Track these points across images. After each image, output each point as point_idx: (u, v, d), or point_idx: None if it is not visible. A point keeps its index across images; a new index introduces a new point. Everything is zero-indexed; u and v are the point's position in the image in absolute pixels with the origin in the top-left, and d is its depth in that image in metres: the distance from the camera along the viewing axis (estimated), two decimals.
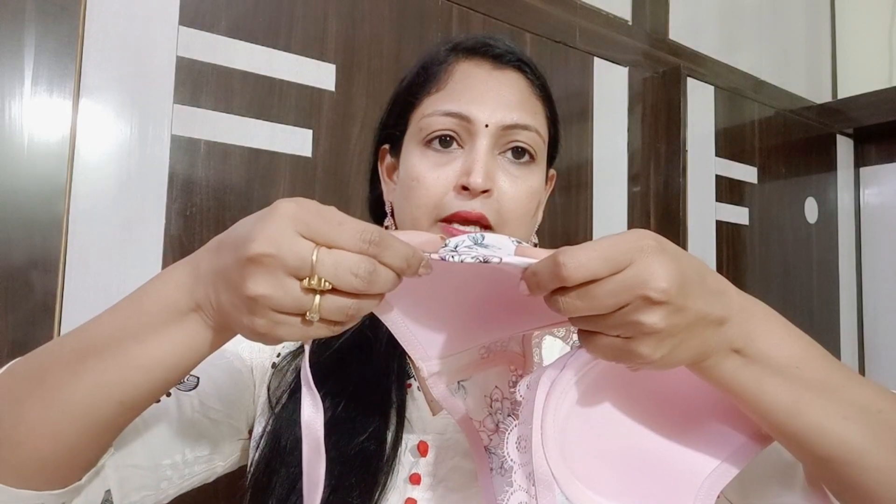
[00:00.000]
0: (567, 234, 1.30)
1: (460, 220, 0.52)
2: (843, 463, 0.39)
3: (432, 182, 0.53)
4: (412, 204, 0.54)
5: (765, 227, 1.68)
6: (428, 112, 0.54)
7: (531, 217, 0.57)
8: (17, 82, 0.76)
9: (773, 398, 0.39)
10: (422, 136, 0.54)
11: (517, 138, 0.54)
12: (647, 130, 1.47)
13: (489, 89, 0.54)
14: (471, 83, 0.55)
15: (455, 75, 0.55)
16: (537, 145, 0.56)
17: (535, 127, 0.55)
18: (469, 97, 0.53)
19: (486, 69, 0.56)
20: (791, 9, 1.94)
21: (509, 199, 0.53)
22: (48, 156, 0.78)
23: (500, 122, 0.53)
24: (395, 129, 0.59)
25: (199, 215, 0.88)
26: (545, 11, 1.30)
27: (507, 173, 0.54)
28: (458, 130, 0.53)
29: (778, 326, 0.43)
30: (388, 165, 0.61)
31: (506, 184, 0.53)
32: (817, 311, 1.83)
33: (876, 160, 1.99)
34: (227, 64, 0.91)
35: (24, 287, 0.75)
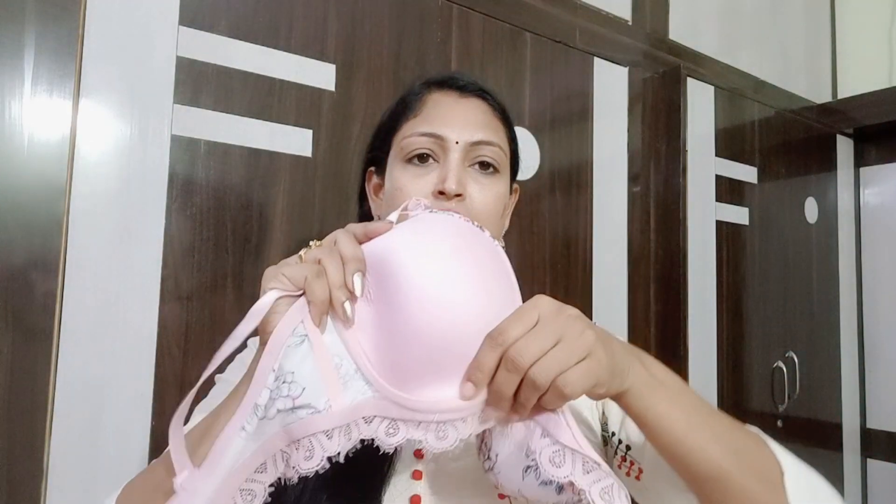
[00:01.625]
0: (567, 234, 1.30)
1: None
2: (720, 483, 0.51)
3: (413, 190, 0.62)
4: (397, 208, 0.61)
5: (765, 227, 1.69)
6: (407, 134, 0.64)
7: (498, 218, 0.66)
8: (17, 82, 0.76)
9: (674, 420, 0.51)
10: (403, 154, 0.64)
11: (483, 153, 0.64)
12: (647, 130, 1.47)
13: (457, 113, 0.65)
14: (441, 109, 0.65)
15: (428, 103, 0.66)
16: (500, 158, 0.65)
17: (497, 143, 0.65)
18: (441, 120, 0.64)
19: (453, 97, 0.66)
20: (791, 9, 1.94)
21: (479, 202, 0.63)
22: (48, 156, 0.78)
23: (469, 139, 0.63)
24: (379, 152, 0.69)
25: (199, 215, 0.88)
26: (545, 11, 1.30)
27: (477, 182, 0.63)
28: (433, 148, 0.63)
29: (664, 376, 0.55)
30: (374, 185, 0.71)
31: (475, 191, 0.63)
32: (817, 311, 1.83)
33: (876, 160, 1.99)
34: (227, 64, 0.91)
35: (24, 287, 0.75)
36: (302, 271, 0.47)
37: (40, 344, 0.76)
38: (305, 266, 0.48)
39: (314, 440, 0.46)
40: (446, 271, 0.47)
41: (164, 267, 0.85)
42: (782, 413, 1.67)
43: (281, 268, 0.48)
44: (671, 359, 1.42)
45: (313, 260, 0.48)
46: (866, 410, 1.94)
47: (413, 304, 0.46)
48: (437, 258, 0.47)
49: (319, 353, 0.48)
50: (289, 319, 0.48)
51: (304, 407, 0.46)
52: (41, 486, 0.75)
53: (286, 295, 0.48)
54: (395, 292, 0.47)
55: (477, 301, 0.47)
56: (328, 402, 0.46)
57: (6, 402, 0.74)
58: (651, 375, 0.52)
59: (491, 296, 0.48)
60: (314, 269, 0.47)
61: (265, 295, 0.48)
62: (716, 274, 1.53)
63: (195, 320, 0.86)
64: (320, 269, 0.47)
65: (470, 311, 0.46)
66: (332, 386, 0.47)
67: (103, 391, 0.79)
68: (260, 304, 0.48)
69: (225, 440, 0.47)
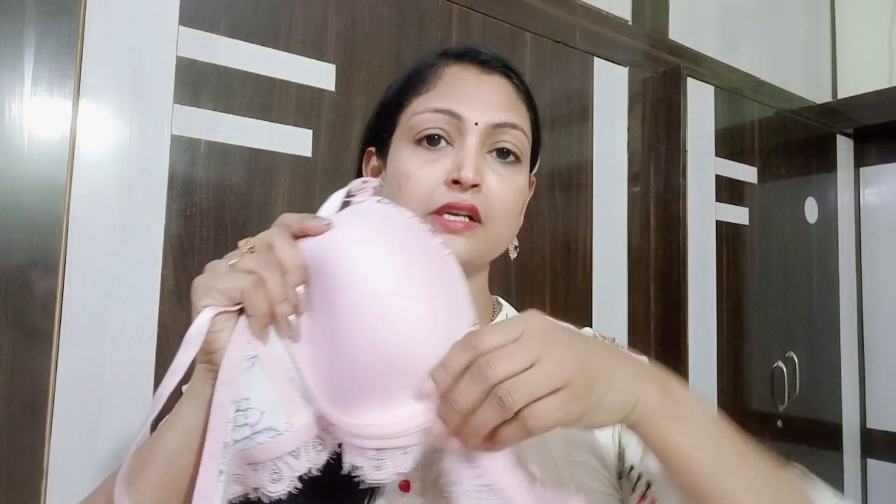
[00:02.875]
0: (567, 234, 1.30)
1: (451, 210, 0.54)
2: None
3: (423, 177, 0.55)
4: (403, 199, 0.55)
5: (765, 227, 1.68)
6: (419, 110, 0.56)
7: (516, 216, 0.59)
8: (17, 82, 0.76)
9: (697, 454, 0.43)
10: (412, 133, 0.56)
11: (504, 138, 0.56)
12: (647, 130, 1.47)
13: (478, 91, 0.57)
14: (460, 85, 0.57)
15: (444, 77, 0.57)
16: (523, 146, 0.58)
17: (521, 127, 0.57)
18: (459, 97, 0.56)
19: (474, 72, 0.58)
20: (791, 9, 1.94)
21: (497, 195, 0.55)
22: (48, 156, 0.78)
23: (490, 121, 0.55)
24: (382, 131, 0.60)
25: (199, 215, 0.88)
26: (545, 11, 1.30)
27: (495, 172, 0.56)
28: (447, 128, 0.55)
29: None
30: (372, 168, 0.63)
31: (494, 181, 0.56)
32: (817, 311, 1.83)
33: (876, 160, 1.99)
34: (227, 64, 0.91)
35: (24, 287, 0.75)
36: (238, 283, 0.42)
37: (40, 344, 0.76)
38: (240, 277, 0.43)
39: (279, 462, 0.43)
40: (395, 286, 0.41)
41: (163, 267, 0.85)
42: (782, 413, 1.67)
43: (212, 280, 0.43)
44: (671, 359, 1.42)
45: (248, 269, 0.43)
46: (866, 410, 1.94)
47: (357, 321, 0.41)
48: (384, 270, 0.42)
49: (273, 372, 0.44)
50: (236, 345, 0.43)
51: (264, 431, 0.43)
52: (41, 486, 0.75)
53: (223, 311, 0.43)
54: (338, 306, 0.42)
55: (427, 320, 0.42)
56: (288, 420, 0.43)
57: (6, 402, 0.74)
58: (672, 402, 0.44)
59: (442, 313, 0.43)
60: (251, 280, 0.43)
61: (199, 315, 0.43)
62: (716, 274, 1.53)
63: None
64: (258, 280, 0.43)
65: (419, 330, 0.41)
66: (292, 403, 0.44)
67: (103, 391, 0.79)
68: (196, 328, 0.43)
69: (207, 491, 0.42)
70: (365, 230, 0.44)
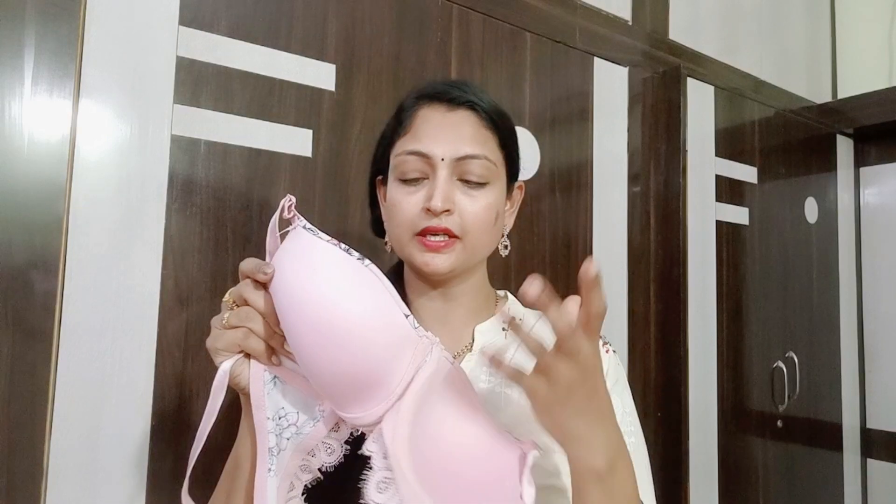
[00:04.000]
0: (567, 234, 1.30)
1: (430, 232, 0.64)
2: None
3: (406, 207, 0.65)
4: (394, 223, 0.67)
5: (765, 227, 1.69)
6: (398, 152, 0.67)
7: (492, 226, 0.68)
8: (17, 82, 0.76)
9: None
10: (396, 172, 0.67)
11: (469, 168, 0.65)
12: (647, 130, 1.47)
13: (443, 128, 0.66)
14: (429, 125, 0.67)
15: (417, 119, 0.68)
16: (489, 171, 0.67)
17: (484, 155, 0.66)
18: (429, 137, 0.66)
19: (441, 112, 0.67)
20: (791, 9, 1.94)
21: (469, 214, 0.65)
22: (48, 156, 0.78)
23: (454, 155, 0.65)
24: (382, 164, 0.72)
25: (199, 215, 0.88)
26: (545, 11, 1.30)
27: (466, 194, 0.66)
28: (420, 167, 0.66)
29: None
30: (383, 192, 0.73)
31: (464, 202, 0.65)
32: (817, 311, 1.83)
33: (876, 160, 1.99)
34: (227, 64, 0.91)
35: (24, 287, 0.75)
36: (232, 339, 0.56)
37: (40, 344, 0.76)
38: (232, 333, 0.57)
39: (327, 440, 0.57)
40: (325, 322, 0.51)
41: (164, 267, 0.85)
42: (782, 413, 1.67)
43: (215, 341, 0.57)
44: (671, 359, 1.42)
45: (235, 325, 0.57)
46: (866, 410, 1.94)
47: (304, 353, 0.53)
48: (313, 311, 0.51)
49: (292, 381, 0.58)
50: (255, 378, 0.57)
51: (306, 423, 0.57)
52: (41, 486, 0.75)
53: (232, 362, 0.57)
54: (291, 338, 0.54)
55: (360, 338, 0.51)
56: (321, 408, 0.57)
57: (6, 402, 0.74)
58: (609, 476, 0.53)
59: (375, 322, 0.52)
60: (241, 333, 0.56)
61: (219, 369, 0.57)
62: (716, 274, 1.53)
63: (195, 320, 0.86)
64: (246, 332, 0.56)
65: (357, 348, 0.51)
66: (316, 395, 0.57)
67: (103, 391, 0.79)
68: (219, 380, 0.57)
69: (260, 487, 0.56)
70: (292, 276, 0.54)
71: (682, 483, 1.39)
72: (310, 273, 0.53)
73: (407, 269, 0.72)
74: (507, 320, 0.71)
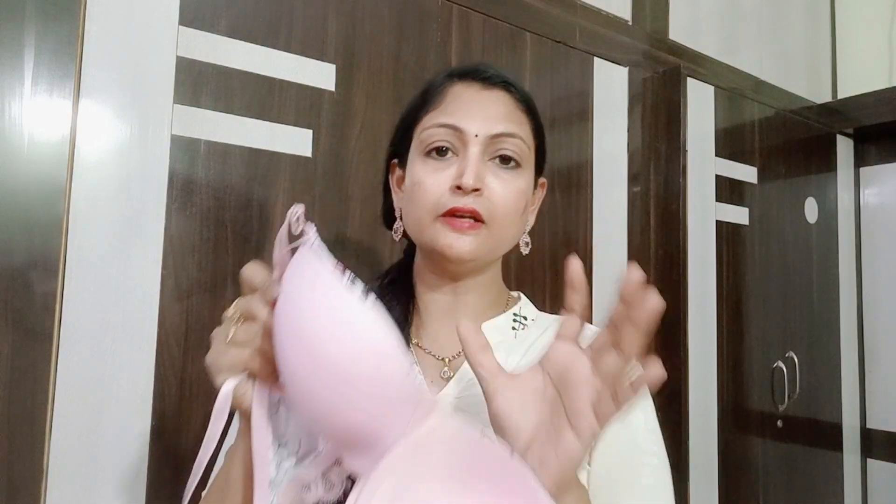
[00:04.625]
0: (567, 234, 1.30)
1: (456, 213, 0.60)
2: None
3: (431, 184, 0.61)
4: (416, 204, 0.62)
5: (765, 227, 1.69)
6: (427, 125, 0.63)
7: (519, 215, 0.64)
8: (17, 82, 0.76)
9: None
10: (422, 147, 0.63)
11: (504, 146, 0.62)
12: (647, 130, 1.47)
13: (478, 105, 0.63)
14: (462, 101, 0.63)
15: (448, 96, 0.64)
16: (523, 152, 0.63)
17: (520, 135, 0.63)
18: (461, 112, 0.62)
19: (475, 89, 0.64)
20: (791, 9, 1.94)
21: (499, 197, 0.61)
22: (48, 156, 0.78)
23: (488, 132, 0.61)
24: (401, 146, 0.68)
25: (199, 215, 0.88)
26: (545, 11, 1.30)
27: (497, 176, 0.62)
28: (452, 140, 0.61)
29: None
30: (397, 178, 0.70)
31: (495, 184, 0.61)
32: (817, 311, 1.83)
33: (876, 160, 1.99)
34: (227, 64, 0.91)
35: (24, 287, 0.75)
36: (238, 358, 0.50)
37: (40, 344, 0.76)
38: (237, 352, 0.50)
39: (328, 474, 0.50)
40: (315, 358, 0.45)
41: (164, 267, 0.85)
42: (782, 413, 1.67)
43: (218, 358, 0.50)
44: (671, 359, 1.42)
45: (243, 342, 0.50)
46: (866, 410, 1.94)
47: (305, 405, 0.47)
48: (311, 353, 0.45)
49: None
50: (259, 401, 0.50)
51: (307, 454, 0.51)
52: (41, 486, 0.75)
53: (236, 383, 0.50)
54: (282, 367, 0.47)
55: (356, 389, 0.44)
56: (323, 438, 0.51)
57: (6, 402, 0.74)
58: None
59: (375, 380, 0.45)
60: (247, 354, 0.50)
61: (221, 390, 0.50)
62: (716, 274, 1.53)
63: (195, 320, 0.86)
64: (253, 352, 0.50)
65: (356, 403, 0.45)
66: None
67: (103, 391, 0.79)
68: (220, 403, 0.50)
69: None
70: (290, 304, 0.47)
71: (683, 483, 1.39)
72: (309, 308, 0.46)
73: (418, 261, 0.69)
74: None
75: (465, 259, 0.60)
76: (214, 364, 0.51)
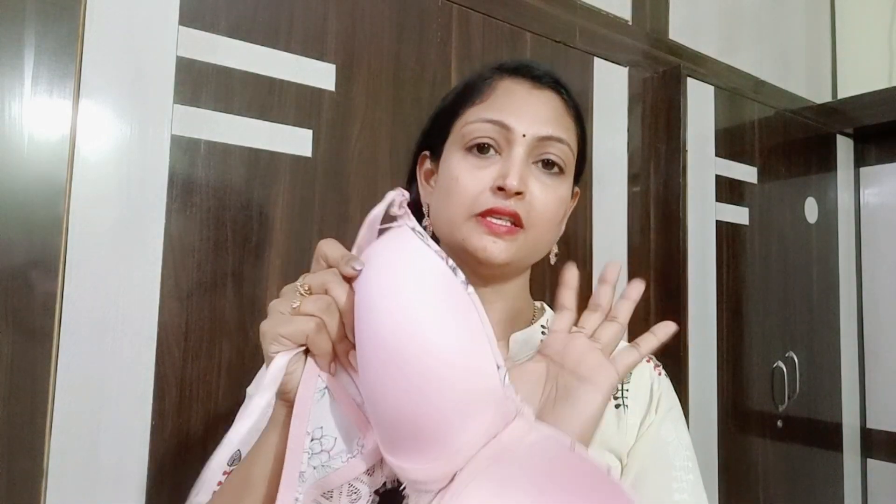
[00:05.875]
0: (567, 234, 1.29)
1: (495, 213, 0.57)
2: None
3: (470, 181, 0.58)
4: (451, 201, 0.59)
5: (765, 227, 1.68)
6: (471, 119, 0.60)
7: (557, 224, 0.63)
8: (17, 82, 0.76)
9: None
10: (464, 141, 0.60)
11: (550, 150, 0.59)
12: (646, 130, 1.47)
13: (528, 104, 0.60)
14: (512, 98, 0.60)
15: (497, 90, 0.61)
16: (567, 158, 0.61)
17: (567, 141, 0.60)
18: (509, 109, 0.59)
19: (525, 87, 0.61)
20: (791, 9, 1.94)
21: (540, 203, 0.58)
22: (48, 156, 0.78)
23: (537, 134, 0.58)
24: (436, 138, 0.64)
25: (199, 215, 0.88)
26: (545, 11, 1.30)
27: (539, 181, 0.59)
28: (497, 138, 0.59)
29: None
30: (426, 171, 0.67)
31: (537, 189, 0.59)
32: (817, 311, 1.83)
33: (876, 160, 1.99)
34: (227, 64, 0.91)
35: (24, 287, 0.75)
36: (302, 328, 0.46)
37: (40, 344, 0.76)
38: (303, 321, 0.46)
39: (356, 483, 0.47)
40: (415, 349, 0.42)
41: (164, 267, 0.85)
42: (782, 413, 1.67)
43: (278, 326, 0.46)
44: (671, 359, 1.42)
45: (310, 313, 0.46)
46: (866, 410, 1.94)
47: (378, 383, 0.43)
48: (403, 331, 0.42)
49: (342, 399, 0.48)
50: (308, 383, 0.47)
51: (339, 455, 0.47)
52: (41, 486, 0.75)
53: (293, 354, 0.47)
54: (365, 357, 0.44)
55: (446, 384, 0.42)
56: (361, 442, 0.47)
57: (6, 402, 0.74)
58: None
59: (462, 371, 0.42)
60: (314, 325, 0.46)
61: (274, 361, 0.46)
62: (716, 274, 1.53)
63: (195, 320, 0.86)
64: (320, 324, 0.46)
65: (439, 395, 0.42)
66: (362, 425, 0.47)
67: (103, 391, 0.79)
68: (272, 373, 0.46)
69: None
70: (383, 281, 0.44)
71: None
72: (404, 284, 0.43)
73: None
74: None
75: (497, 263, 0.57)
76: (273, 332, 0.46)
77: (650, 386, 0.64)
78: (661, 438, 0.60)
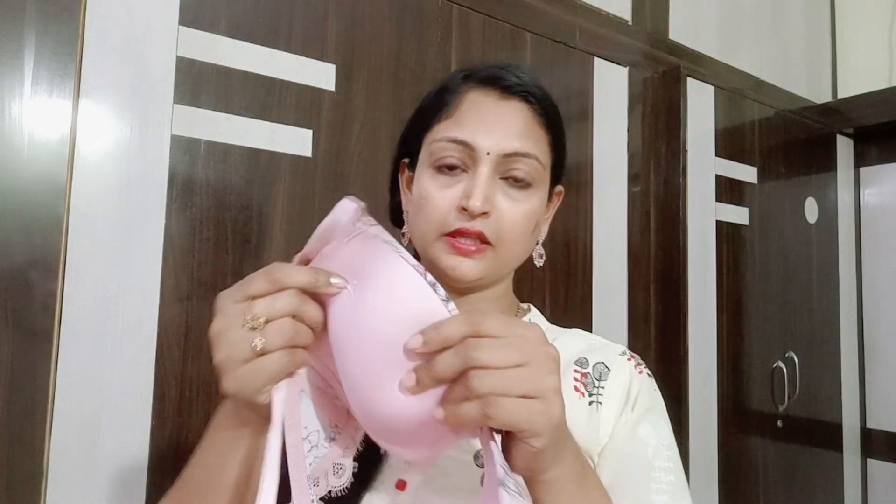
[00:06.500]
0: (567, 234, 1.30)
1: (461, 234, 0.57)
2: None
3: (438, 201, 0.58)
4: (422, 219, 0.60)
5: (765, 227, 1.69)
6: (438, 137, 0.59)
7: (528, 235, 0.61)
8: (17, 82, 0.76)
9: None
10: (431, 159, 0.60)
11: (516, 166, 0.58)
12: (647, 130, 1.47)
13: (494, 119, 0.59)
14: (477, 112, 0.59)
15: (464, 104, 0.60)
16: (536, 172, 0.60)
17: (534, 154, 0.59)
18: (474, 126, 0.58)
19: (493, 99, 0.60)
20: (791, 9, 1.94)
21: (508, 219, 0.58)
22: (48, 156, 0.78)
23: (502, 150, 0.58)
24: (412, 146, 0.64)
25: (199, 215, 0.88)
26: (545, 11, 1.30)
27: (507, 196, 0.59)
28: (461, 157, 0.58)
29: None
30: (407, 177, 0.66)
31: (505, 205, 0.58)
32: (817, 311, 1.83)
33: (876, 160, 1.99)
34: (227, 64, 0.91)
35: (24, 287, 0.75)
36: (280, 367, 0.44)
37: (40, 344, 0.76)
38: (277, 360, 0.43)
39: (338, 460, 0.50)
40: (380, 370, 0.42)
41: (164, 267, 0.85)
42: (782, 413, 1.67)
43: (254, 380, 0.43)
44: (671, 359, 1.42)
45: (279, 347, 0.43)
46: (866, 410, 1.94)
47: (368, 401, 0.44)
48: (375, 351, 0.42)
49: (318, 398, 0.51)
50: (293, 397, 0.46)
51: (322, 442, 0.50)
52: (41, 486, 0.75)
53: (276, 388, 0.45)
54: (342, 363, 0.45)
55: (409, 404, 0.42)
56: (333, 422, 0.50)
57: (6, 402, 0.74)
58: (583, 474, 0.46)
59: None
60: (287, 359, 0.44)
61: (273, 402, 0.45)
62: (716, 274, 1.53)
63: (195, 320, 0.86)
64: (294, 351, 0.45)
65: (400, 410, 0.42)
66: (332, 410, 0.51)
67: (103, 391, 0.79)
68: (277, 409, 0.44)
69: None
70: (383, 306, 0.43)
71: None
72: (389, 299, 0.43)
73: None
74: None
75: (468, 281, 0.58)
76: (250, 388, 0.43)
77: (628, 384, 0.62)
78: (639, 439, 0.59)
